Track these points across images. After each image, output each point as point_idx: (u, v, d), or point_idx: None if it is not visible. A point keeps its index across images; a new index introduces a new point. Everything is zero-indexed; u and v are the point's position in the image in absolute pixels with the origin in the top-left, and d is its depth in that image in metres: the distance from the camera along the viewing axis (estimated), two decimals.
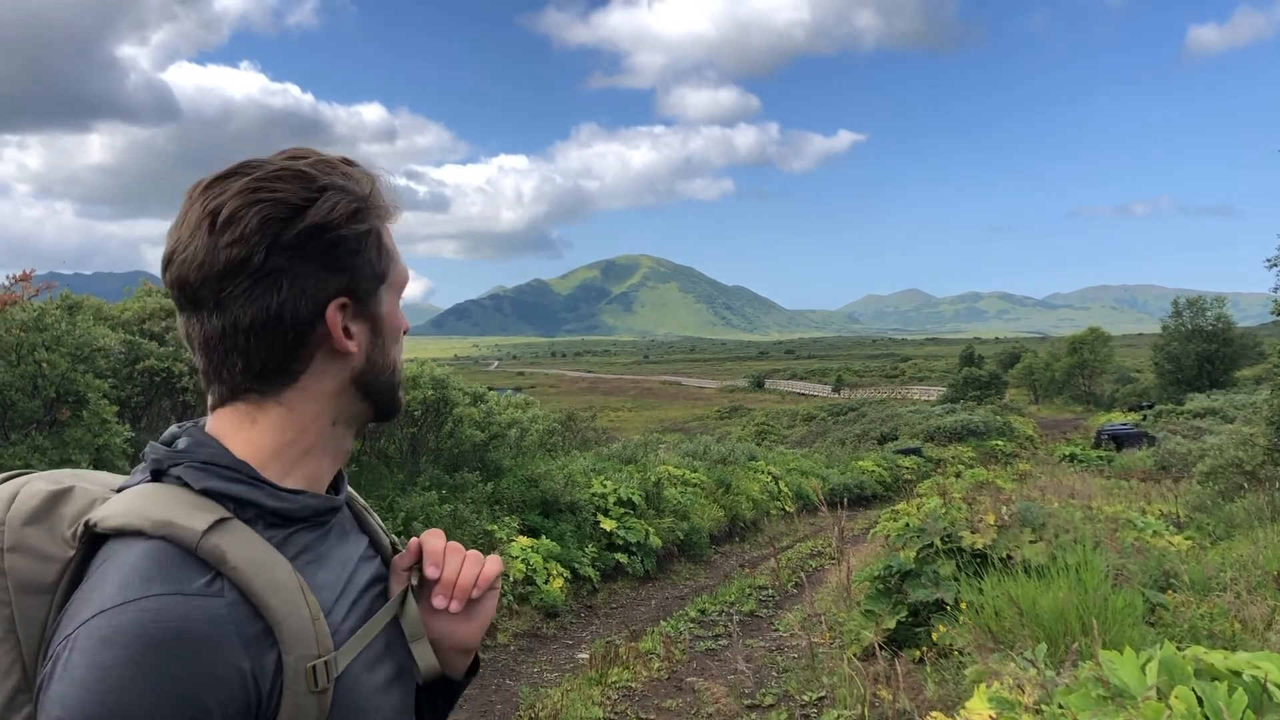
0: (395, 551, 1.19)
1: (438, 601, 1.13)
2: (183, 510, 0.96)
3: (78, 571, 0.95)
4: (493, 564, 1.17)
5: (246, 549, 0.95)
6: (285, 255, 1.00)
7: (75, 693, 0.85)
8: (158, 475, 1.02)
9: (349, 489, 1.19)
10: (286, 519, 1.03)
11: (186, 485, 1.00)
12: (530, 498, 11.28)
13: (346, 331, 1.06)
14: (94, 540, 0.96)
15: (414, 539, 1.18)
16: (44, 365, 6.84)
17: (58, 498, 1.01)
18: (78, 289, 9.12)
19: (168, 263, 1.02)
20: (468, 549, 1.18)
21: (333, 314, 1.04)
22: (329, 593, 1.04)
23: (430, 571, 1.14)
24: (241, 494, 1.00)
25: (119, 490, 1.03)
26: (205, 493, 0.99)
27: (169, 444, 1.05)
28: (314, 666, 0.95)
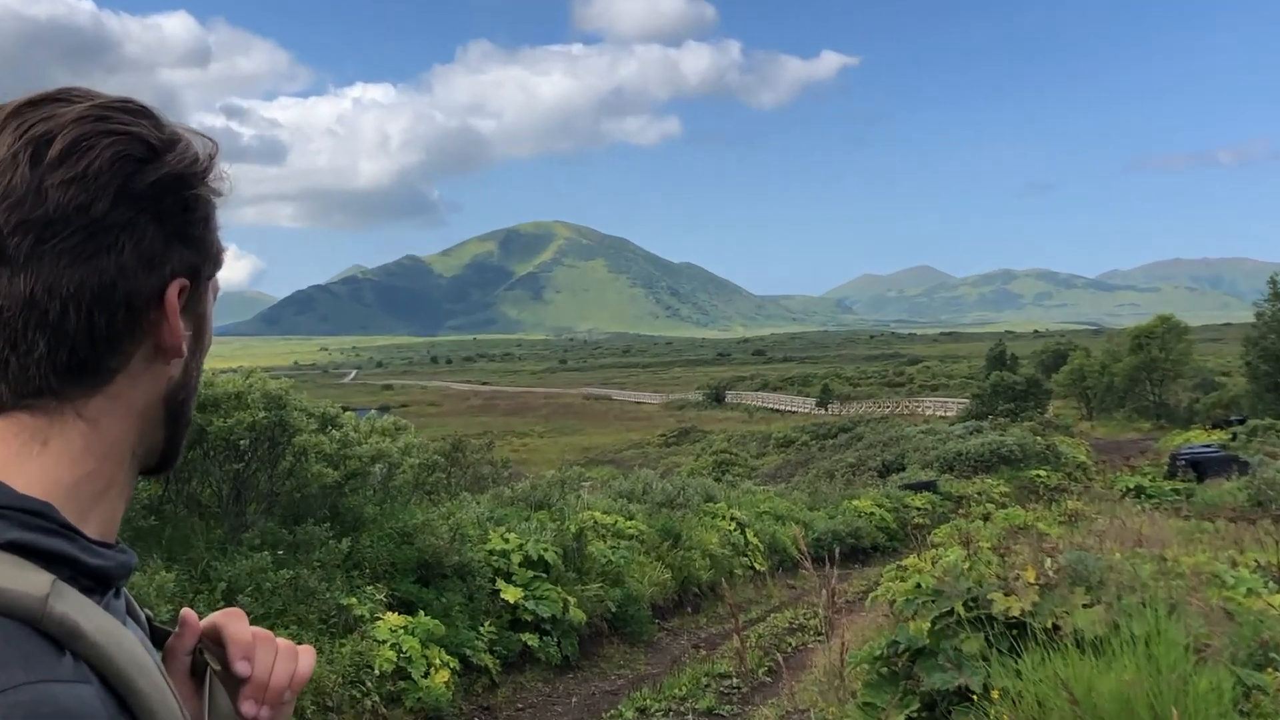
0: (154, 629, 1.17)
1: (247, 708, 1.14)
2: (2, 573, 0.93)
3: None
4: (306, 662, 1.19)
5: (96, 620, 0.95)
6: (134, 208, 1.00)
7: None
8: None
9: None
10: (103, 582, 1.02)
11: None
12: (402, 559, 11.19)
13: (180, 325, 1.06)
14: None
15: (187, 611, 1.18)
16: None
17: None
18: None
19: None
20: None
21: (173, 296, 1.04)
22: None
23: (240, 667, 1.14)
24: (55, 549, 0.97)
25: None
26: (12, 548, 0.95)
27: None
28: None
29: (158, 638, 1.16)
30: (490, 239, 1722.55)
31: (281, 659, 1.16)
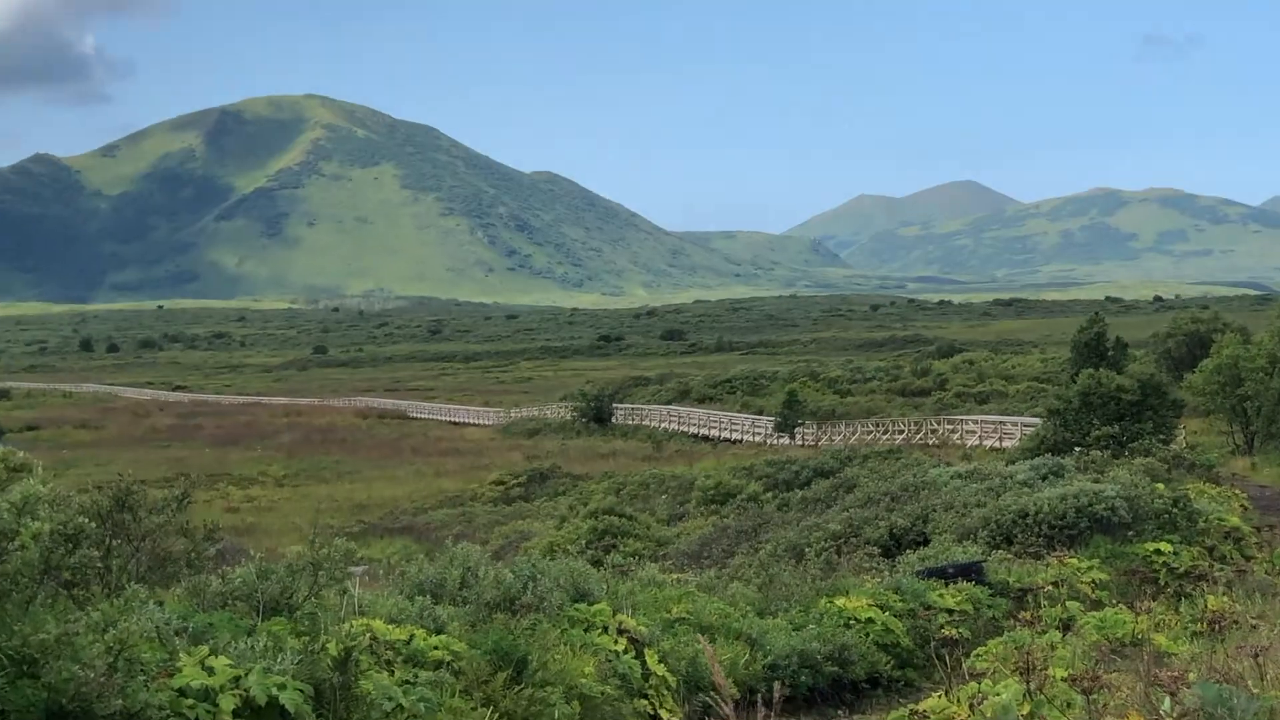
0: None
1: None
2: None
3: None
4: None
5: None
6: None
7: None
8: None
9: None
10: None
11: None
12: (21, 704, 11.11)
13: None
14: None
15: None
16: None
17: None
18: None
19: None
20: None
21: None
22: None
23: None
24: None
25: None
26: None
27: None
28: None
29: None
30: (189, 128, 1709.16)
31: None
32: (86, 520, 15.79)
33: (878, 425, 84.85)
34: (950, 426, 79.63)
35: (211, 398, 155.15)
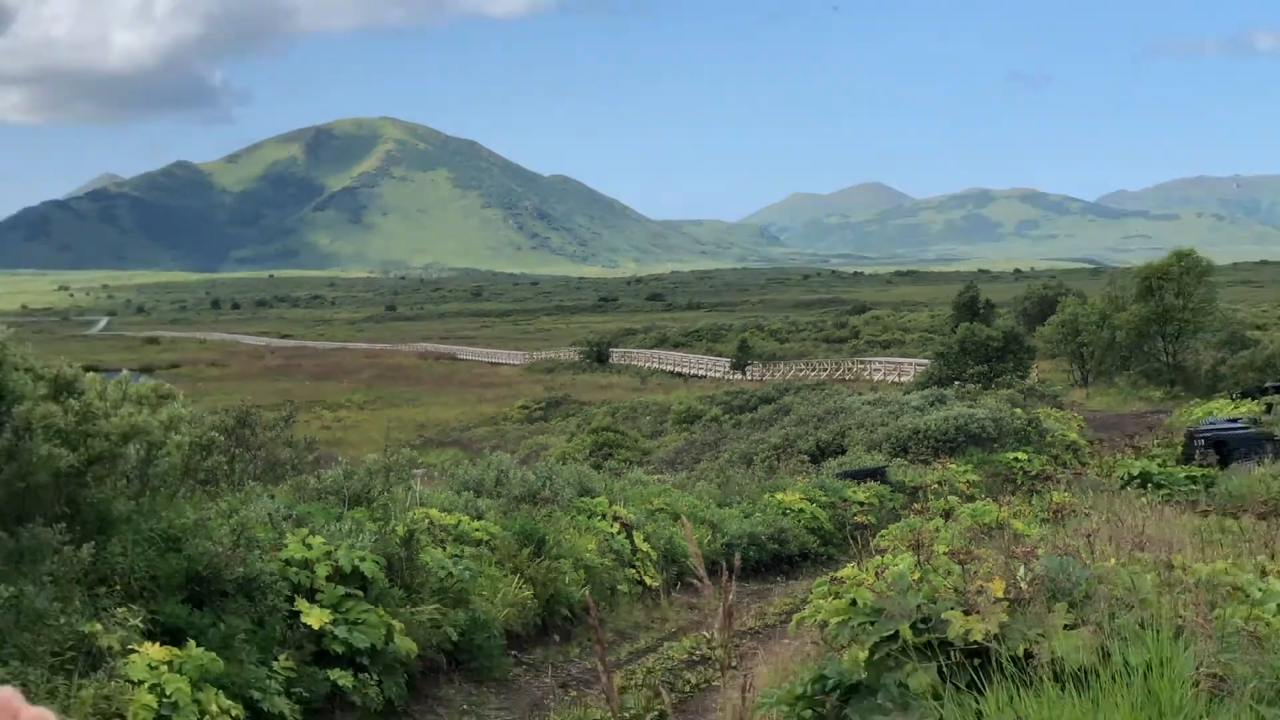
0: None
1: None
2: None
3: None
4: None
5: None
6: None
7: None
8: None
9: None
10: None
11: None
12: (167, 571, 11.07)
13: None
14: None
15: None
16: None
17: None
18: None
19: None
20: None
21: None
22: None
23: None
24: None
25: None
26: None
27: None
28: None
29: None
30: (293, 141, 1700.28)
31: None
32: (216, 434, 15.78)
33: (808, 365, 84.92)
34: (862, 366, 79.73)
35: (309, 344, 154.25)
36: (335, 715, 11.48)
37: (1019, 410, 36.35)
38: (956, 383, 50.28)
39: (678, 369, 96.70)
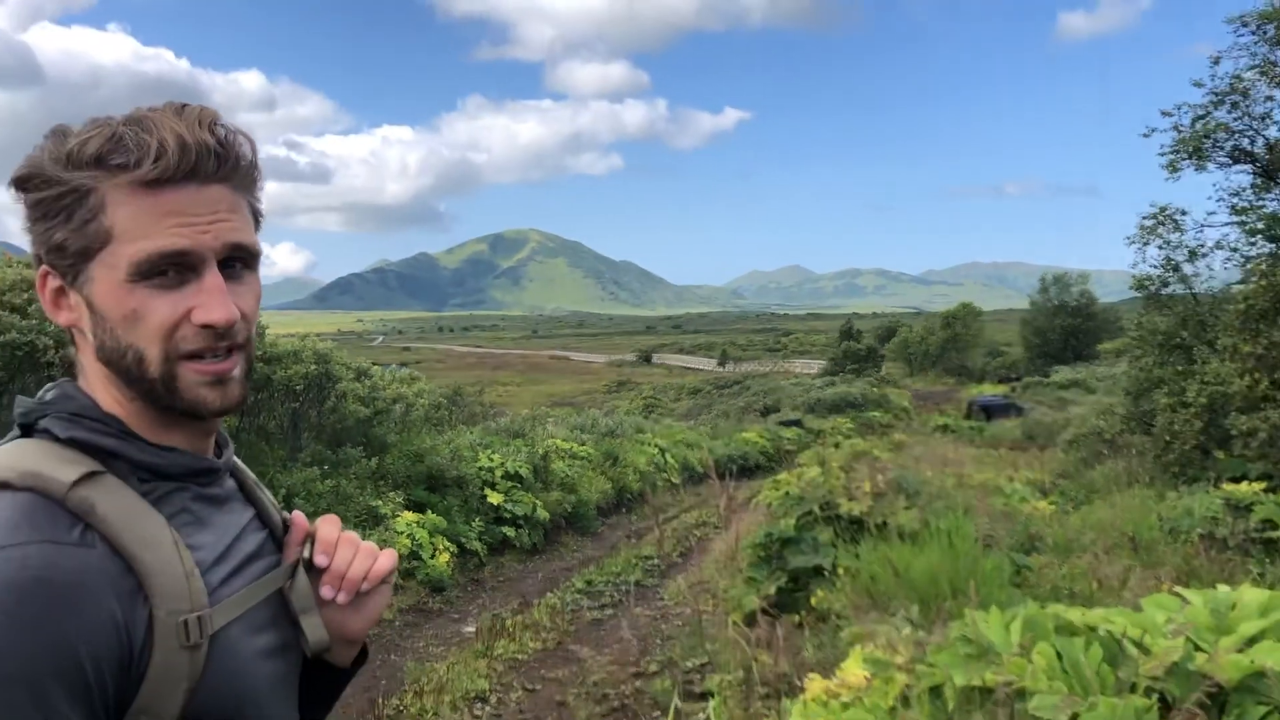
0: (286, 528, 1.15)
1: (325, 591, 1.10)
2: (50, 462, 0.92)
3: None
4: (386, 559, 1.12)
5: (117, 502, 0.92)
6: (27, 218, 0.98)
7: None
8: (27, 430, 0.98)
9: (238, 462, 1.15)
10: (160, 475, 0.99)
11: (55, 437, 0.96)
12: (416, 473, 11.12)
13: (56, 303, 1.01)
14: None
15: (298, 515, 1.14)
16: None
17: None
18: None
19: None
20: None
21: (40, 280, 1.00)
22: (207, 553, 0.99)
23: (319, 560, 1.10)
24: (110, 446, 0.96)
25: None
26: (72, 443, 0.95)
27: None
28: (185, 621, 0.92)
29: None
30: (482, 241, 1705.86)
31: (360, 556, 1.10)
32: (442, 399, 15.82)
33: (759, 363, 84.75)
34: (789, 364, 79.55)
35: (491, 350, 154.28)
36: (505, 552, 11.49)
37: (875, 389, 36.10)
38: (840, 374, 49.94)
39: (689, 365, 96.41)
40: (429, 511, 10.46)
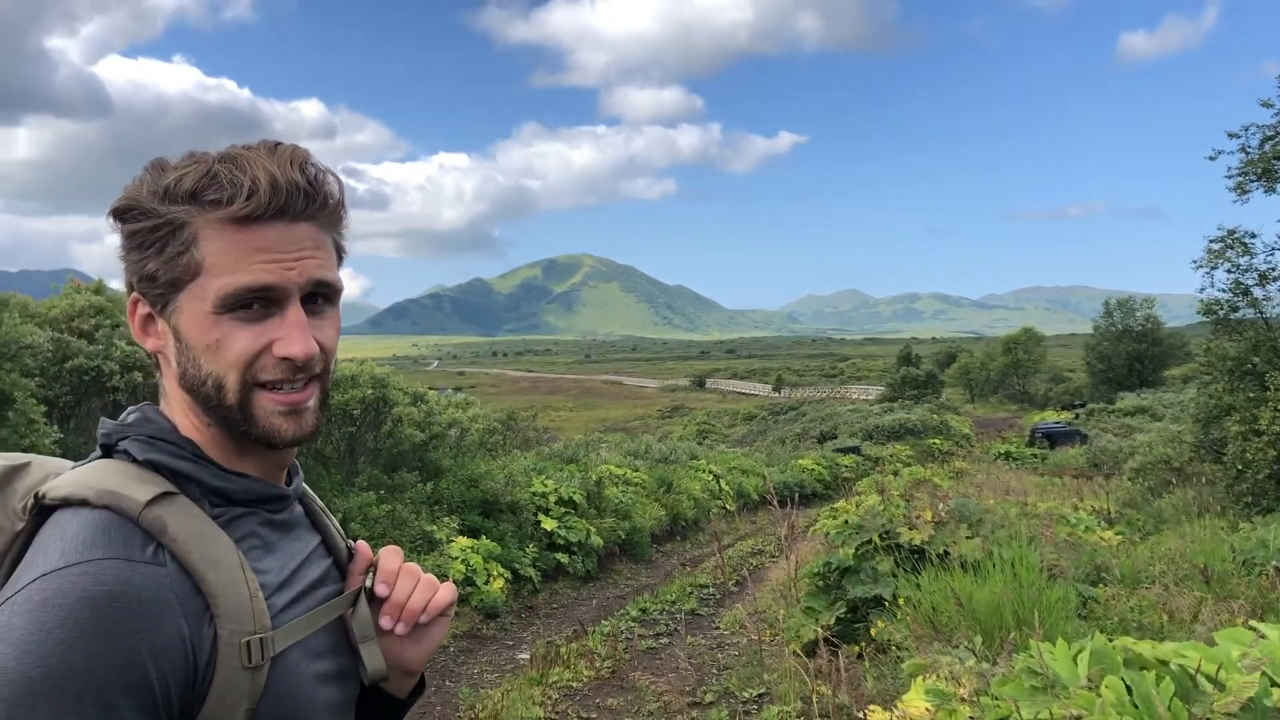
0: (350, 555, 1.18)
1: (384, 621, 1.13)
2: (127, 482, 0.96)
3: (25, 543, 0.95)
4: (445, 593, 1.15)
5: (188, 523, 0.96)
6: (122, 248, 1.03)
7: (14, 654, 0.83)
8: (107, 450, 1.02)
9: (307, 489, 1.19)
10: (230, 500, 1.03)
11: (133, 458, 1.00)
12: (470, 498, 11.20)
13: (146, 330, 1.06)
14: (43, 513, 0.96)
15: (362, 544, 1.18)
16: None
17: (14, 472, 1.01)
18: (3, 286, 8.86)
19: None
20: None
21: (129, 308, 1.05)
22: (272, 577, 1.03)
23: (380, 589, 1.13)
24: (185, 470, 1.00)
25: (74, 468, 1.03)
26: (149, 464, 0.99)
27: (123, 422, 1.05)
28: (248, 642, 0.95)
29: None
30: (536, 266, 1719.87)
31: (421, 588, 1.13)
32: (496, 424, 15.93)
33: (815, 389, 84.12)
34: (846, 390, 78.78)
35: (544, 375, 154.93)
36: (558, 579, 11.51)
37: (935, 415, 35.64)
38: (899, 400, 49.42)
39: (743, 391, 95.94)
40: (483, 537, 10.53)
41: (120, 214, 1.01)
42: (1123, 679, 2.85)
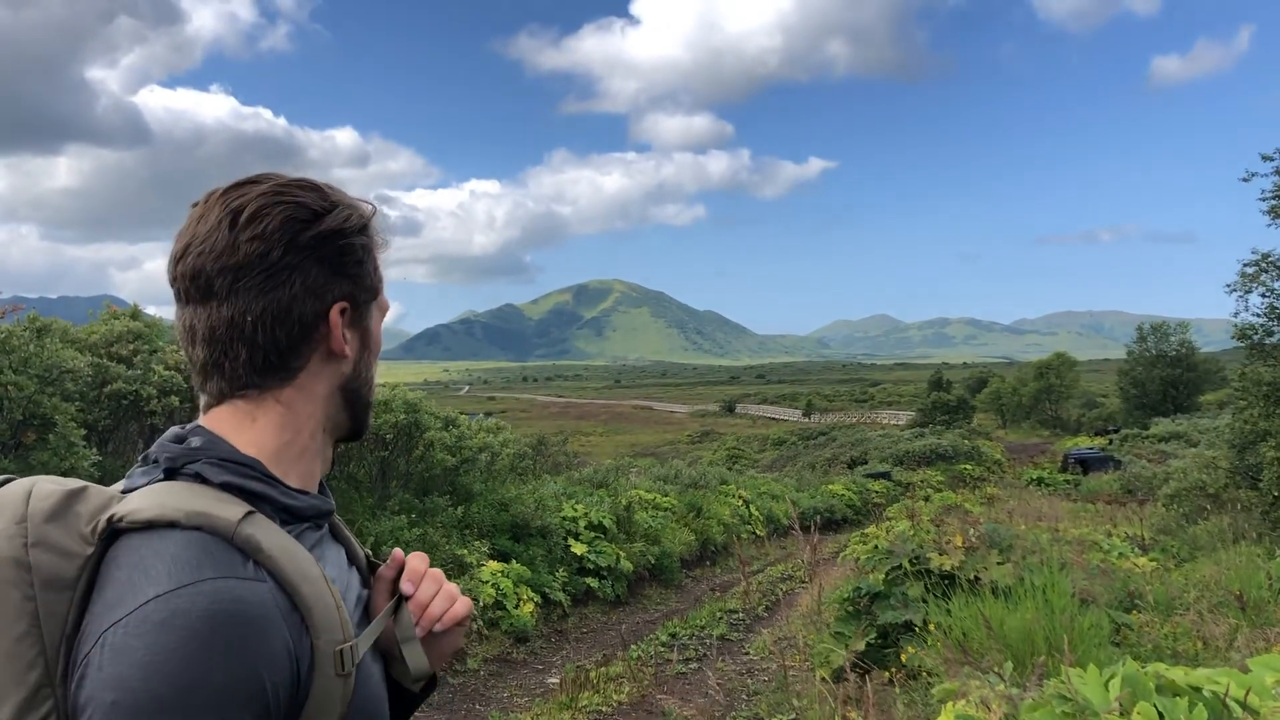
0: (370, 564, 1.23)
1: None
2: (211, 503, 1.00)
3: (96, 567, 0.98)
4: (461, 606, 1.21)
5: (276, 540, 1.01)
6: (300, 254, 1.08)
7: (138, 674, 0.88)
8: (171, 473, 1.06)
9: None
10: (295, 517, 1.08)
11: (205, 481, 1.04)
12: (501, 522, 11.23)
13: (344, 336, 1.12)
14: (112, 537, 0.99)
15: (398, 550, 1.23)
16: (10, 388, 6.77)
17: (74, 496, 1.03)
18: (44, 312, 9.02)
19: (181, 256, 1.08)
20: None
21: (336, 315, 1.11)
22: (338, 586, 1.09)
23: (405, 587, 1.18)
24: (258, 490, 1.05)
25: (125, 492, 1.06)
26: (225, 487, 1.04)
27: (179, 443, 1.09)
28: (340, 651, 1.00)
29: (373, 569, 1.22)
30: (566, 292, 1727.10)
31: (441, 596, 1.20)
32: (527, 449, 15.97)
33: (845, 414, 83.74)
34: (876, 415, 78.33)
35: (574, 400, 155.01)
36: (588, 603, 11.50)
37: (966, 441, 35.35)
38: (930, 425, 49.06)
39: (773, 416, 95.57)
40: (513, 561, 10.55)
41: (345, 231, 1.12)
42: (1154, 705, 2.82)
